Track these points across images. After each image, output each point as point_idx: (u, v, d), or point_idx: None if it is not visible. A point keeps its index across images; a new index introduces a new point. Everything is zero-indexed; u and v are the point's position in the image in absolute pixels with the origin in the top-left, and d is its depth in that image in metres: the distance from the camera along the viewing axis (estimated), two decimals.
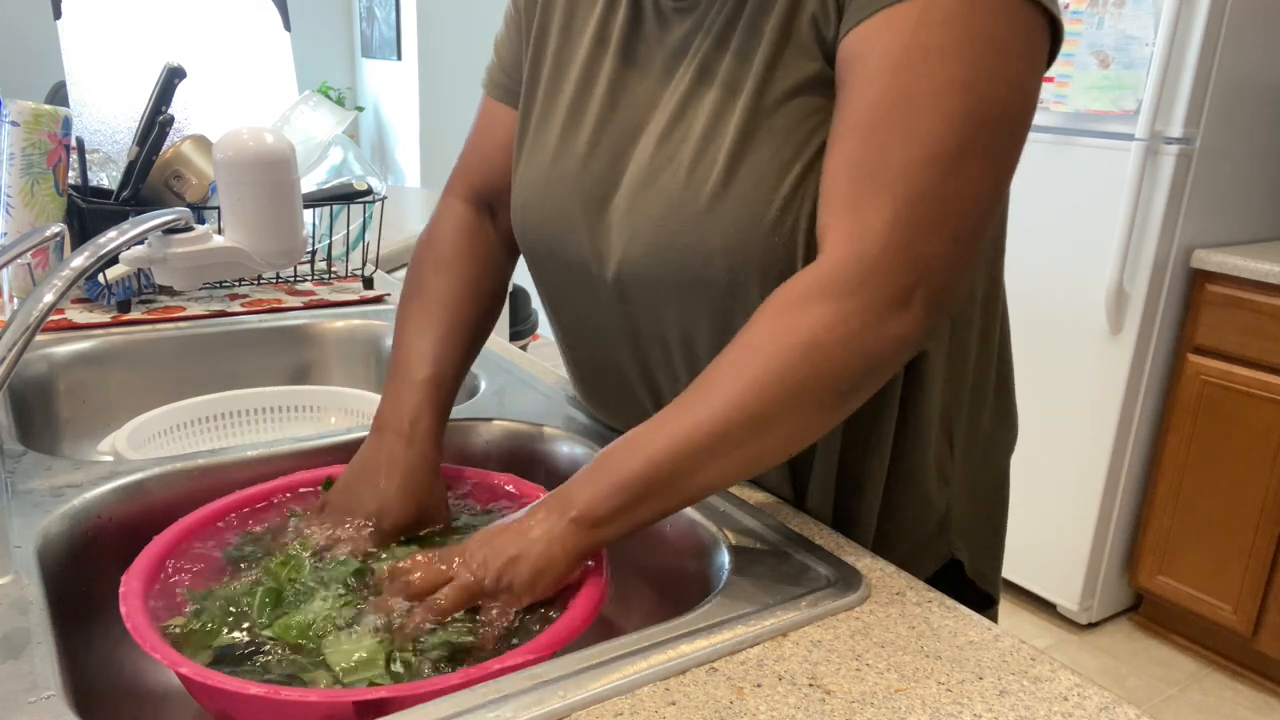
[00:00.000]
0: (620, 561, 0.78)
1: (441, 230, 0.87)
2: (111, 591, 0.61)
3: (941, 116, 0.59)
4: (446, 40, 4.42)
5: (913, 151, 0.59)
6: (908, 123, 0.59)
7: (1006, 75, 0.60)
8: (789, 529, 0.72)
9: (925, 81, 0.59)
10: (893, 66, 0.60)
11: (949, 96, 0.59)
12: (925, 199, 0.60)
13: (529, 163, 0.81)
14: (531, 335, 2.85)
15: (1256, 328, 2.09)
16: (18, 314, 0.65)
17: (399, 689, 0.53)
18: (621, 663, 0.55)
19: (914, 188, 0.59)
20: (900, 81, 0.59)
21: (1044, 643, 2.37)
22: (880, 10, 0.60)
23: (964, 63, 0.59)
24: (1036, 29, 0.61)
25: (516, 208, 0.82)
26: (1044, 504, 2.40)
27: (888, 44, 0.60)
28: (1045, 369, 2.35)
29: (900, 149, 0.59)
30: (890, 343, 0.61)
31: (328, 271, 1.43)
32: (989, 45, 0.59)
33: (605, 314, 0.78)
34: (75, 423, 1.10)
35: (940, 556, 0.83)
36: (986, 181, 0.62)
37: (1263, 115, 2.21)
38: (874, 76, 0.60)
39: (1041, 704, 0.54)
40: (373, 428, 0.76)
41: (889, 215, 0.59)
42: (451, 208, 0.89)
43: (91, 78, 1.42)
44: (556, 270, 0.81)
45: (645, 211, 0.71)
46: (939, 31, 0.59)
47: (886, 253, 0.60)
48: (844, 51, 0.63)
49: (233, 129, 0.78)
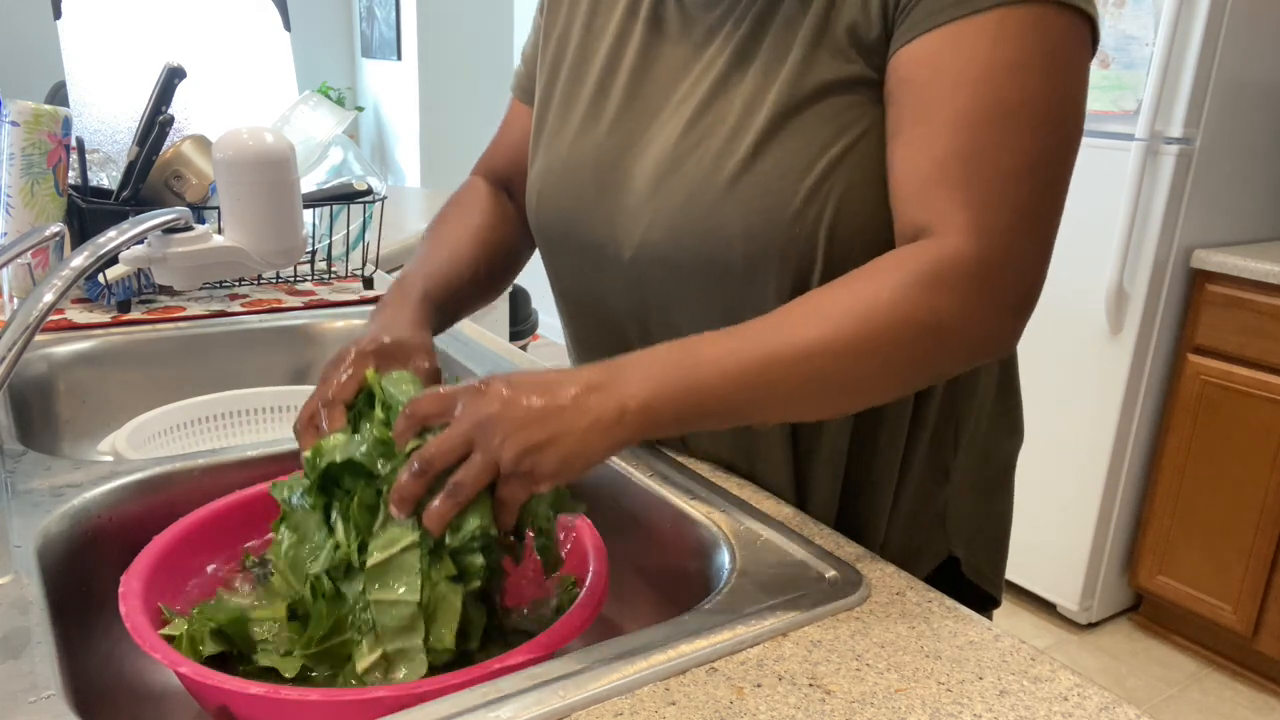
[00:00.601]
0: (620, 561, 0.78)
1: (462, 190, 0.94)
2: (111, 591, 0.61)
3: (1031, 130, 0.62)
4: (446, 40, 4.42)
5: (1016, 162, 0.62)
6: (1005, 134, 0.62)
7: (1072, 87, 0.63)
8: (789, 529, 0.72)
9: (1013, 95, 0.61)
10: (975, 77, 0.62)
11: (1037, 110, 0.62)
12: (1032, 209, 0.63)
13: (548, 151, 0.83)
14: (531, 335, 2.85)
15: (1256, 328, 2.09)
16: (18, 314, 0.65)
17: (399, 689, 0.53)
18: (621, 663, 0.55)
19: (1023, 197, 0.62)
20: (990, 93, 0.61)
21: (1044, 643, 2.37)
22: (949, 23, 0.62)
23: (1043, 77, 0.62)
24: (1085, 37, 0.64)
25: (532, 194, 0.84)
26: (1044, 504, 2.40)
27: (968, 56, 0.62)
28: (1045, 369, 2.35)
29: (1005, 159, 0.62)
30: (994, 345, 0.64)
31: (328, 271, 1.43)
32: (1058, 60, 0.62)
33: (617, 297, 0.79)
34: (75, 423, 1.10)
35: (938, 553, 0.83)
36: (1063, 188, 0.65)
37: (1263, 115, 2.21)
38: (958, 86, 0.62)
39: (1041, 704, 0.54)
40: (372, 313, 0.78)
41: (1008, 222, 0.62)
42: (472, 182, 0.96)
43: (91, 78, 1.42)
44: (570, 252, 0.82)
45: (669, 195, 0.72)
46: (1014, 45, 0.61)
47: (1010, 259, 0.62)
48: (911, 59, 0.64)
49: (233, 129, 0.78)
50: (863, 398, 0.64)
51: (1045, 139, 0.62)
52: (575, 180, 0.79)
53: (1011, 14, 0.61)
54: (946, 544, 0.83)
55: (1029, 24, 0.61)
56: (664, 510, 0.76)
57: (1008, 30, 0.61)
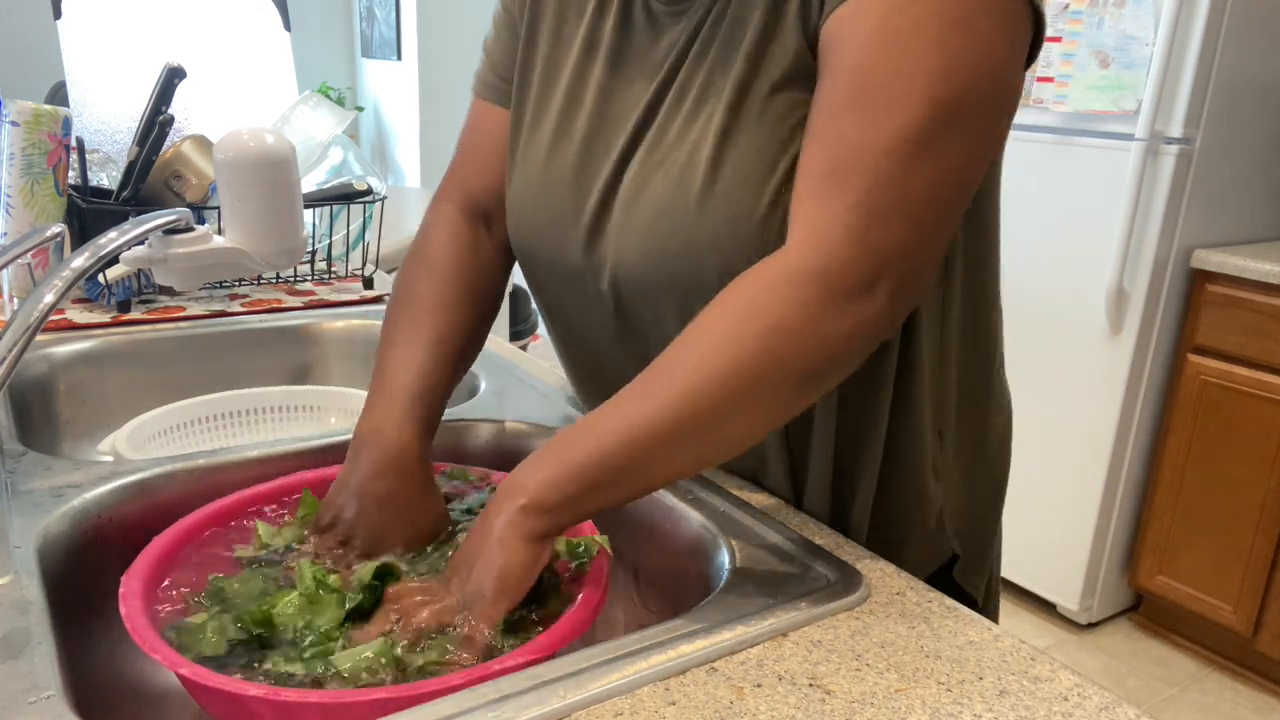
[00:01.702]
0: (620, 561, 0.78)
1: (433, 238, 0.83)
2: (111, 591, 0.61)
3: (906, 102, 0.58)
4: (446, 40, 4.42)
5: (875, 137, 0.58)
6: (872, 108, 0.58)
7: (979, 60, 0.59)
8: (789, 529, 0.72)
9: (891, 65, 0.58)
10: (861, 51, 0.59)
11: (915, 81, 0.58)
12: (886, 186, 0.59)
13: (522, 168, 0.80)
14: (531, 335, 2.85)
15: (1256, 328, 2.09)
16: (18, 314, 0.65)
17: (399, 689, 0.53)
18: (621, 663, 0.55)
19: (875, 175, 0.58)
20: (868, 65, 0.59)
21: (1044, 643, 2.37)
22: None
23: (933, 46, 0.58)
24: (1015, 15, 0.60)
25: (511, 214, 0.82)
26: (1044, 504, 2.40)
27: (863, 29, 0.59)
28: (1045, 369, 2.35)
29: (865, 134, 0.58)
30: (851, 330, 0.60)
31: (328, 271, 1.43)
32: (961, 28, 0.58)
33: (599, 319, 0.78)
34: (75, 423, 1.10)
35: (941, 553, 0.83)
36: (953, 169, 0.60)
37: (1263, 115, 2.21)
38: (846, 61, 0.60)
39: (1041, 704, 0.54)
40: (353, 444, 0.72)
41: (850, 201, 0.59)
42: (444, 216, 0.85)
43: (91, 78, 1.42)
44: (551, 277, 0.81)
45: (638, 218, 0.71)
46: (909, 14, 0.58)
47: (846, 240, 0.59)
48: (823, 37, 0.62)
49: (233, 129, 0.78)
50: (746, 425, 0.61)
51: (924, 112, 0.57)
52: (551, 202, 0.77)
53: None
54: (949, 544, 0.82)
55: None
56: (663, 510, 0.76)
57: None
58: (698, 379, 0.59)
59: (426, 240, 0.84)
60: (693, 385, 0.59)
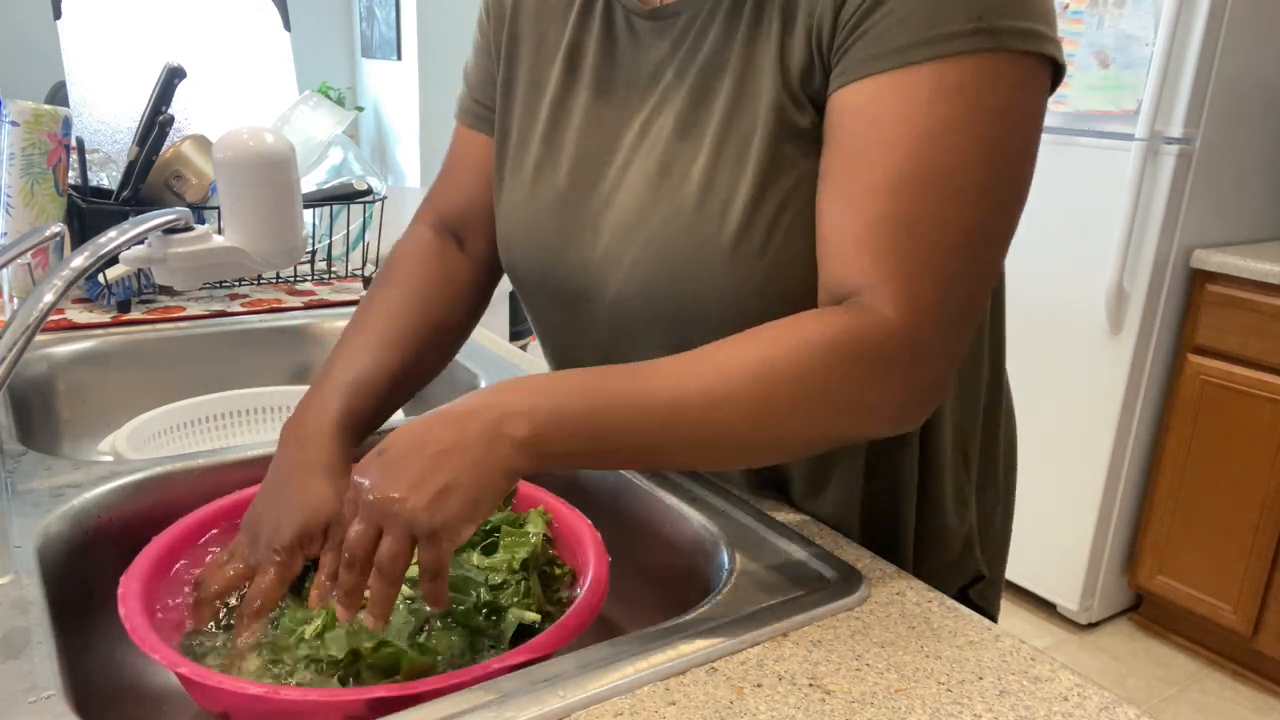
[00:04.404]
0: (620, 561, 0.78)
1: (399, 252, 0.84)
2: (111, 591, 0.61)
3: (967, 195, 0.58)
4: (446, 40, 4.42)
5: (950, 235, 0.58)
6: (938, 201, 0.58)
7: (1019, 142, 0.60)
8: (789, 529, 0.72)
9: (948, 157, 0.58)
10: (912, 137, 0.58)
11: (971, 173, 0.58)
12: (963, 281, 0.60)
13: (510, 191, 0.79)
14: (531, 335, 2.85)
15: (1256, 328, 2.09)
16: (18, 314, 0.65)
17: (399, 689, 0.53)
18: (621, 663, 0.55)
19: (953, 268, 0.59)
20: (923, 154, 0.58)
21: (1044, 643, 2.37)
22: (889, 70, 0.58)
23: (981, 136, 0.58)
24: (1042, 81, 0.60)
25: (501, 237, 0.80)
26: (1044, 504, 2.40)
27: (905, 112, 0.58)
28: (1045, 369, 2.35)
29: (934, 229, 0.58)
30: (901, 422, 0.62)
31: (328, 271, 1.43)
32: (1004, 113, 0.58)
33: (594, 345, 0.77)
34: (75, 423, 1.10)
35: (966, 574, 0.83)
36: (999, 252, 0.62)
37: (1263, 115, 2.21)
38: (891, 145, 0.58)
39: (1041, 704, 0.54)
40: (280, 435, 0.71)
41: (939, 295, 0.59)
42: (415, 233, 0.86)
43: (91, 78, 1.42)
44: (544, 300, 0.79)
45: (640, 251, 0.69)
46: (956, 102, 0.57)
47: (935, 339, 0.59)
48: (845, 105, 0.61)
49: (233, 129, 0.78)
50: (761, 453, 0.61)
51: (980, 206, 0.59)
52: (540, 230, 0.76)
53: (951, 67, 0.57)
54: (975, 565, 0.82)
55: (971, 77, 0.57)
56: (664, 510, 0.76)
57: (946, 85, 0.57)
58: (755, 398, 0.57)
59: (392, 256, 0.85)
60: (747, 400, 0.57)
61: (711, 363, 0.58)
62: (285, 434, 0.71)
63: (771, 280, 0.65)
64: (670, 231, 0.68)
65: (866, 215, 0.59)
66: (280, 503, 0.67)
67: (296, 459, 0.69)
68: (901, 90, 0.58)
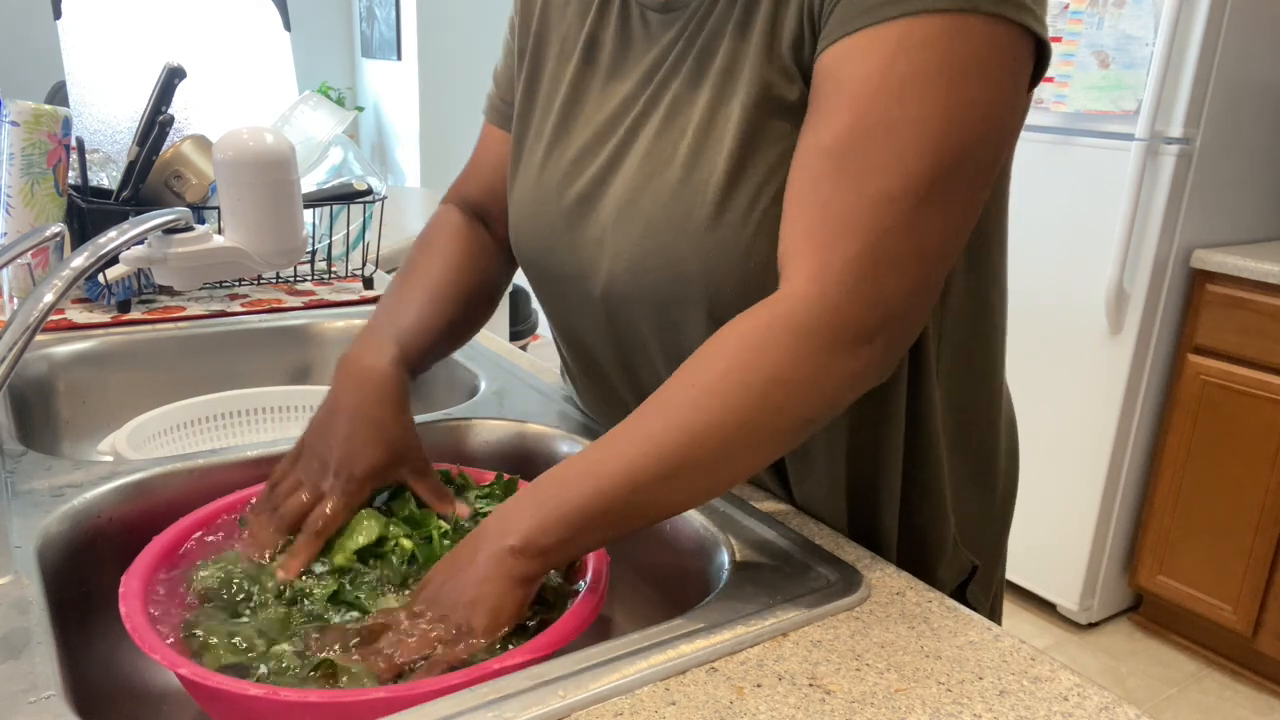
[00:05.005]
0: (620, 561, 0.78)
1: (434, 224, 0.90)
2: (111, 591, 0.61)
3: (912, 150, 0.57)
4: (446, 40, 4.42)
5: (880, 186, 0.58)
6: (877, 155, 0.58)
7: (983, 106, 0.58)
8: (789, 529, 0.72)
9: (897, 112, 0.57)
10: (868, 94, 0.58)
11: (922, 129, 0.57)
12: (891, 236, 0.58)
13: (522, 178, 0.82)
14: (531, 335, 2.86)
15: (1256, 328, 2.09)
16: (18, 314, 0.65)
17: (399, 689, 0.53)
18: (621, 663, 0.55)
19: (880, 225, 0.58)
20: (874, 110, 0.58)
21: (1044, 643, 2.38)
22: (859, 30, 0.58)
23: (939, 94, 0.57)
24: (1019, 53, 0.59)
25: (511, 225, 0.83)
26: (1044, 504, 2.40)
27: (865, 69, 0.58)
28: (1045, 369, 2.35)
29: (868, 182, 0.58)
30: (849, 379, 0.60)
31: (328, 271, 1.43)
32: (967, 74, 0.57)
33: (593, 328, 0.79)
34: (75, 423, 1.10)
35: (961, 569, 0.83)
36: (954, 216, 0.60)
37: (1263, 115, 2.21)
38: (848, 102, 0.59)
39: (1041, 704, 0.54)
40: (335, 373, 0.75)
41: (853, 252, 0.58)
42: (444, 211, 0.91)
43: (91, 78, 1.42)
44: (547, 282, 0.81)
45: (629, 230, 0.71)
46: (917, 58, 0.57)
47: (850, 292, 0.58)
48: (820, 69, 0.61)
49: (233, 129, 0.78)
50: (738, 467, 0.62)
51: (928, 159, 0.57)
52: (545, 211, 0.78)
53: (918, 24, 0.56)
54: (968, 559, 0.82)
55: (938, 34, 0.56)
56: None
57: (912, 41, 0.56)
58: (697, 424, 0.58)
59: (429, 228, 0.90)
60: (691, 430, 0.58)
61: (651, 408, 0.61)
62: (341, 374, 0.75)
63: (754, 252, 0.66)
64: (656, 208, 0.69)
65: (809, 175, 0.60)
66: (355, 433, 0.71)
67: (361, 395, 0.73)
68: (868, 47, 0.58)
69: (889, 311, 0.60)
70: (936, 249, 0.60)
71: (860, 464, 0.76)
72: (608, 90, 0.76)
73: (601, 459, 0.60)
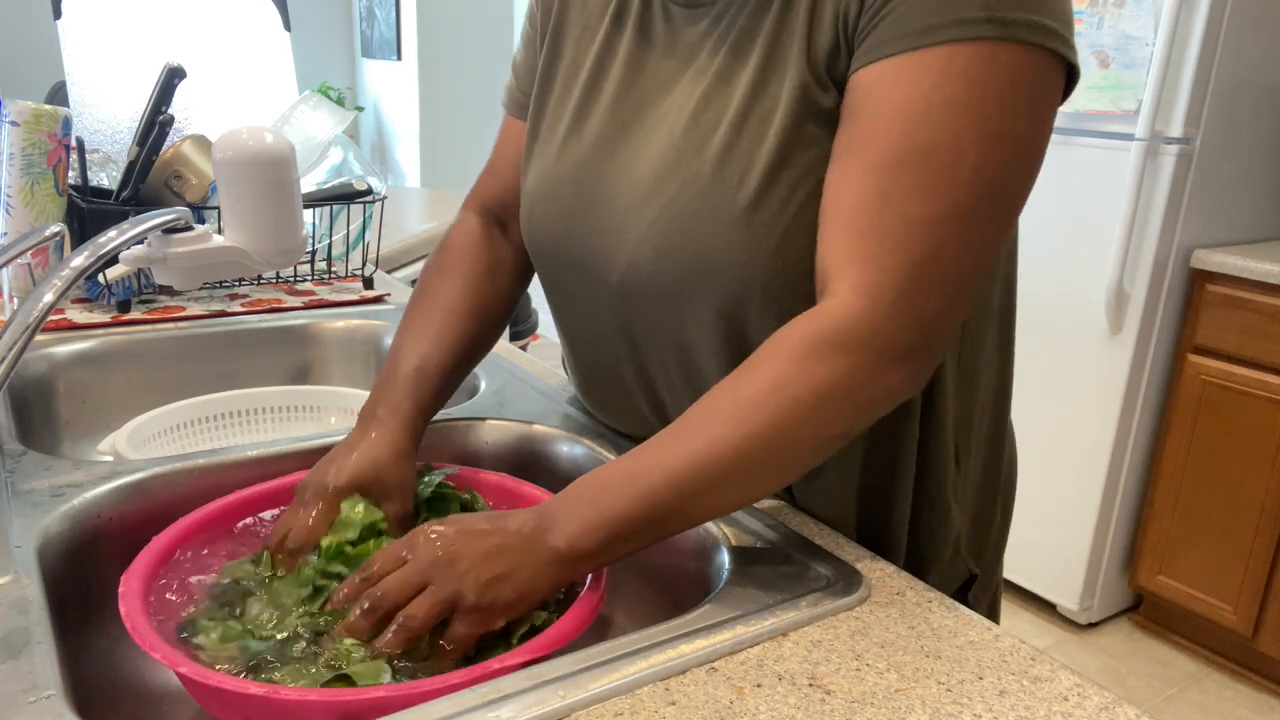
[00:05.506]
0: (620, 561, 0.78)
1: (449, 240, 0.90)
2: (111, 591, 0.61)
3: (957, 175, 0.59)
4: (446, 40, 4.42)
5: (927, 209, 0.60)
6: (924, 178, 0.60)
7: (1020, 132, 0.61)
8: (789, 529, 0.72)
9: (943, 138, 0.59)
10: (913, 118, 0.60)
11: (965, 155, 0.59)
12: (936, 258, 0.61)
13: (538, 164, 0.82)
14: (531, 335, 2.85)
15: (1256, 328, 2.09)
16: (18, 314, 0.65)
17: (399, 689, 0.53)
18: (621, 663, 0.55)
19: (927, 246, 0.60)
20: (919, 135, 0.60)
21: (1044, 643, 2.38)
22: (903, 53, 0.60)
23: (981, 120, 0.59)
24: (1053, 79, 0.61)
25: (524, 208, 0.83)
26: (1044, 504, 2.40)
27: (909, 92, 0.60)
28: (1045, 369, 2.35)
29: (916, 205, 0.60)
30: (888, 394, 0.63)
31: (328, 271, 1.43)
32: (1006, 102, 0.60)
33: (606, 315, 0.78)
34: (75, 423, 1.10)
35: (959, 575, 0.83)
36: (990, 237, 0.63)
37: (1263, 115, 2.21)
38: (892, 124, 0.60)
39: (1041, 704, 0.54)
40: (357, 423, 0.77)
41: (901, 272, 0.60)
42: (462, 220, 0.92)
43: (91, 78, 1.42)
44: (560, 270, 0.81)
45: (654, 218, 0.71)
46: (960, 85, 0.59)
47: (897, 310, 0.60)
48: (859, 85, 0.63)
49: (232, 129, 0.78)
50: (777, 476, 0.64)
51: (969, 185, 0.60)
52: (561, 196, 0.78)
53: (962, 51, 0.58)
54: (966, 566, 0.82)
55: (980, 62, 0.58)
56: None
57: (955, 68, 0.59)
58: (745, 436, 0.60)
59: (444, 242, 0.91)
60: (738, 442, 0.60)
61: (698, 416, 0.62)
62: (360, 418, 0.77)
63: (784, 249, 0.67)
64: (685, 197, 0.69)
65: (854, 195, 0.62)
66: (341, 455, 0.72)
67: (367, 429, 0.75)
68: (911, 71, 0.60)
69: (930, 329, 0.62)
70: (973, 269, 0.63)
71: (874, 473, 0.76)
72: (631, 81, 0.76)
73: (648, 467, 0.61)
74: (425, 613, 0.57)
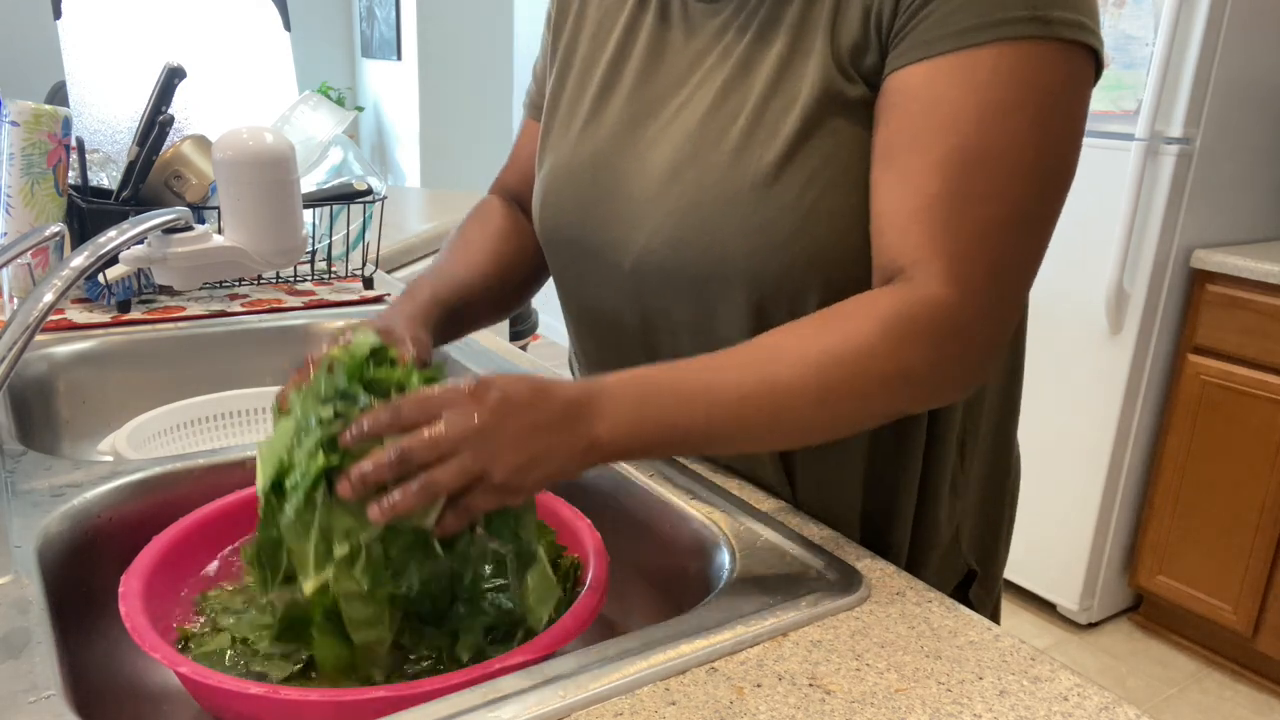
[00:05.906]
0: (620, 561, 0.78)
1: (480, 205, 0.95)
2: (111, 591, 0.61)
3: (1020, 176, 0.61)
4: (446, 40, 4.42)
5: (998, 210, 0.61)
6: (993, 181, 0.61)
7: (1068, 129, 0.63)
8: (789, 529, 0.72)
9: (1001, 139, 0.61)
10: (969, 119, 0.61)
11: (1024, 155, 0.61)
12: (1010, 258, 0.63)
13: (554, 154, 0.82)
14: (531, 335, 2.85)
15: (1256, 328, 2.09)
16: (18, 314, 0.66)
17: (399, 689, 0.53)
18: (621, 663, 0.55)
19: (1002, 247, 0.62)
20: (980, 135, 0.61)
21: (1044, 643, 2.37)
22: (950, 52, 0.61)
23: (1033, 120, 0.61)
24: (1088, 72, 0.63)
25: (537, 199, 0.84)
26: (1044, 504, 2.40)
27: (962, 92, 0.61)
28: (1045, 369, 2.35)
29: (987, 206, 0.61)
30: (955, 392, 0.65)
31: (328, 271, 1.43)
32: (1055, 101, 0.61)
33: (619, 304, 0.79)
34: (75, 423, 1.10)
35: (958, 570, 0.83)
36: (1048, 235, 0.65)
37: (1263, 115, 2.21)
38: (948, 123, 0.61)
39: (1041, 704, 0.54)
40: None
41: (985, 269, 0.62)
42: (489, 198, 0.97)
43: (91, 78, 1.42)
44: (574, 257, 0.82)
45: (671, 204, 0.71)
46: (1011, 86, 0.60)
47: (985, 305, 0.62)
48: (902, 85, 0.63)
49: (233, 129, 0.78)
50: (824, 435, 0.65)
51: (1031, 186, 0.62)
52: (577, 183, 0.79)
53: (1008, 51, 0.60)
54: (964, 561, 0.82)
55: (1025, 62, 0.60)
56: (664, 510, 0.76)
57: (1002, 68, 0.60)
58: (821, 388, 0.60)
59: (477, 207, 0.95)
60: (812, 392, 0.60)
61: (775, 352, 0.62)
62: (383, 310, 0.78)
63: (799, 236, 0.67)
64: (703, 184, 0.70)
65: (922, 193, 0.62)
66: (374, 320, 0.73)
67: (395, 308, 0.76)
68: (960, 71, 0.61)
69: (1006, 326, 0.65)
70: (1032, 265, 0.65)
71: (878, 469, 0.76)
72: (648, 73, 0.77)
73: (719, 384, 0.61)
74: (450, 480, 0.55)
